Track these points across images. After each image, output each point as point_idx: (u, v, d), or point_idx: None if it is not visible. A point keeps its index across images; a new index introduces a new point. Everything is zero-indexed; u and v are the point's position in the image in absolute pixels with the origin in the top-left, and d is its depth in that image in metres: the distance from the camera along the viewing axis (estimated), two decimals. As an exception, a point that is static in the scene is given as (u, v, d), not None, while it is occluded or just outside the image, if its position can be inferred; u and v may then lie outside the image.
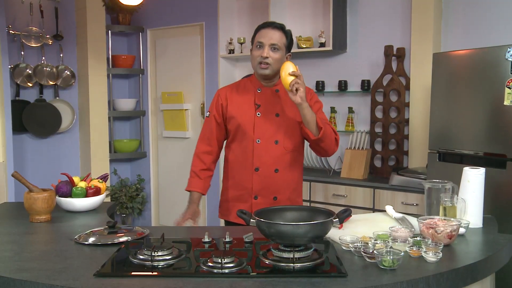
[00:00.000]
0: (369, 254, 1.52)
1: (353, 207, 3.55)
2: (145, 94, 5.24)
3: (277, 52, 2.30)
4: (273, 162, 2.34)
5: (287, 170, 2.37)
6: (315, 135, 2.21)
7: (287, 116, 2.35)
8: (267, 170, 2.34)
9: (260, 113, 2.35)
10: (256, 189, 2.35)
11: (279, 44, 2.30)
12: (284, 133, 2.34)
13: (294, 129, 2.34)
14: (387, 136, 3.86)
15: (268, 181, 2.35)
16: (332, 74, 4.19)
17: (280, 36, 2.31)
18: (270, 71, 2.31)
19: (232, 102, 2.40)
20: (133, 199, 5.09)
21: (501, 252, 1.66)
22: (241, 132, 2.37)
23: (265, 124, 2.34)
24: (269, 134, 2.34)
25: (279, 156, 2.34)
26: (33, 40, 4.55)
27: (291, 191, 2.40)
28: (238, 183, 2.41)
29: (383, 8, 3.93)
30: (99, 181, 2.41)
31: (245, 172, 2.37)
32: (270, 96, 2.38)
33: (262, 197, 2.35)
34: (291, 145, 2.36)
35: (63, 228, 2.05)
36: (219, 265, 1.46)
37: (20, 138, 4.58)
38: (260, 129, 2.34)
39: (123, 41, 5.33)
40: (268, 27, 2.33)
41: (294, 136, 2.36)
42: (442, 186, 1.96)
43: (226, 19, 4.56)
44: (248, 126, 2.35)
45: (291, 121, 2.34)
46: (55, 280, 1.39)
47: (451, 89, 3.01)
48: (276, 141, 2.34)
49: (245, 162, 2.37)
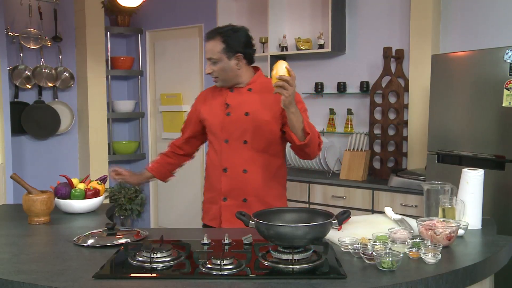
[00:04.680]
0: (368, 256, 1.51)
1: (352, 208, 3.55)
2: (144, 95, 5.24)
3: (217, 63, 2.26)
4: (241, 162, 2.26)
5: (258, 171, 2.27)
6: (300, 140, 2.11)
7: (258, 115, 2.25)
8: (235, 171, 2.27)
9: (229, 113, 2.29)
10: (225, 191, 2.29)
11: (215, 56, 2.25)
12: (252, 133, 2.25)
13: (266, 128, 2.25)
14: (386, 137, 3.86)
15: (236, 183, 2.27)
16: (331, 76, 4.19)
17: (213, 45, 2.25)
18: (221, 83, 2.32)
19: (206, 104, 2.40)
20: (132, 201, 5.08)
21: (500, 254, 1.66)
22: (212, 133, 2.35)
23: (233, 123, 2.27)
24: (237, 134, 2.27)
25: (248, 157, 2.26)
26: (32, 42, 4.55)
27: (264, 193, 2.28)
28: (211, 185, 2.38)
29: (382, 10, 3.94)
30: (98, 182, 2.40)
31: (215, 173, 2.33)
32: (242, 95, 2.31)
33: (231, 199, 2.28)
34: (262, 145, 2.27)
35: (62, 230, 2.05)
36: (218, 267, 1.46)
37: (19, 140, 4.58)
38: (228, 129, 2.28)
39: (122, 42, 5.33)
40: (205, 39, 2.31)
41: (265, 136, 2.26)
42: (441, 187, 1.96)
43: (225, 21, 4.55)
44: (217, 127, 2.31)
45: (262, 120, 2.25)
46: (54, 282, 1.39)
47: (450, 91, 3.01)
48: (245, 141, 2.27)
49: (215, 163, 2.33)
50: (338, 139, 4.18)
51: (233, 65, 2.28)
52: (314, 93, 4.23)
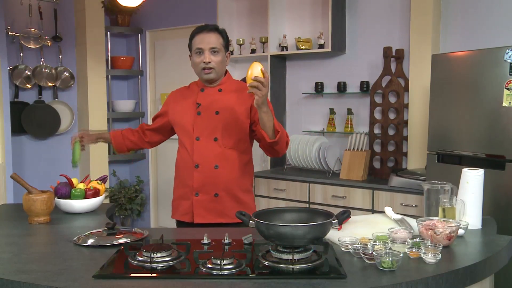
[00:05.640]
0: (368, 256, 1.51)
1: (352, 208, 3.55)
2: (144, 95, 5.24)
3: (217, 55, 2.36)
4: (212, 158, 2.34)
5: (228, 167, 2.36)
6: (270, 138, 2.21)
7: (227, 113, 2.35)
8: (207, 166, 2.35)
9: (200, 112, 2.38)
10: (197, 186, 2.36)
11: (218, 47, 2.35)
12: (223, 130, 2.35)
13: (235, 126, 2.35)
14: (386, 137, 3.86)
15: (208, 178, 2.35)
16: (331, 76, 4.19)
17: (217, 38, 2.36)
18: (214, 75, 2.38)
19: (176, 104, 2.48)
20: (132, 200, 5.09)
21: (500, 253, 1.66)
22: (183, 131, 2.42)
23: (204, 122, 2.36)
24: (208, 131, 2.36)
25: (219, 153, 2.35)
26: (32, 42, 4.55)
27: (234, 188, 2.38)
28: (181, 181, 2.44)
29: (382, 10, 3.94)
30: (98, 182, 2.41)
31: (187, 170, 2.39)
32: (213, 95, 2.40)
33: (203, 194, 2.35)
34: (231, 142, 2.36)
35: (62, 229, 2.05)
36: (218, 266, 1.46)
37: (19, 140, 4.58)
38: (199, 127, 2.36)
39: (122, 42, 5.33)
40: (203, 32, 2.35)
41: (234, 134, 2.36)
42: (441, 187, 1.96)
43: (225, 20, 4.56)
44: (188, 125, 2.39)
45: (231, 118, 2.35)
46: (54, 282, 1.39)
47: (450, 91, 3.01)
48: (215, 138, 2.35)
49: (187, 160, 2.40)
50: (338, 139, 4.18)
51: (226, 61, 2.43)
52: (314, 93, 4.23)
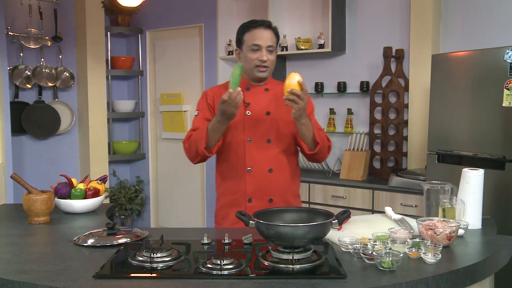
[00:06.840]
0: (368, 256, 1.51)
1: (352, 208, 3.55)
2: (144, 95, 5.23)
3: (272, 54, 2.25)
4: (266, 162, 2.23)
5: (282, 170, 2.26)
6: (310, 149, 2.16)
7: (278, 114, 2.25)
8: (261, 170, 2.23)
9: (250, 112, 2.24)
10: (250, 191, 2.23)
11: (274, 45, 2.25)
12: (276, 132, 2.24)
13: (286, 128, 2.24)
14: (386, 137, 3.86)
15: (262, 182, 2.23)
16: (331, 76, 4.19)
17: (272, 36, 2.26)
18: (268, 74, 2.27)
19: None
20: (132, 200, 5.09)
21: (500, 253, 1.66)
22: (231, 132, 2.23)
23: (256, 122, 2.24)
24: (260, 132, 2.23)
25: (272, 156, 2.24)
26: (32, 42, 4.55)
27: (287, 192, 2.29)
28: (230, 187, 2.29)
29: (382, 10, 3.94)
30: (98, 182, 2.40)
31: (237, 174, 2.25)
32: (260, 94, 2.29)
33: (257, 200, 2.22)
34: (284, 144, 2.26)
35: (62, 229, 2.05)
36: (218, 266, 1.46)
37: (19, 140, 4.58)
38: (251, 128, 2.23)
39: (122, 42, 5.33)
40: (260, 27, 2.24)
41: (286, 135, 2.26)
42: (441, 187, 1.96)
43: (225, 20, 4.56)
44: (238, 125, 2.22)
45: (283, 120, 2.24)
46: (54, 282, 1.39)
47: (450, 91, 3.01)
48: (269, 139, 2.24)
49: (236, 164, 2.25)
50: (338, 139, 4.18)
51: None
52: (314, 93, 4.23)
